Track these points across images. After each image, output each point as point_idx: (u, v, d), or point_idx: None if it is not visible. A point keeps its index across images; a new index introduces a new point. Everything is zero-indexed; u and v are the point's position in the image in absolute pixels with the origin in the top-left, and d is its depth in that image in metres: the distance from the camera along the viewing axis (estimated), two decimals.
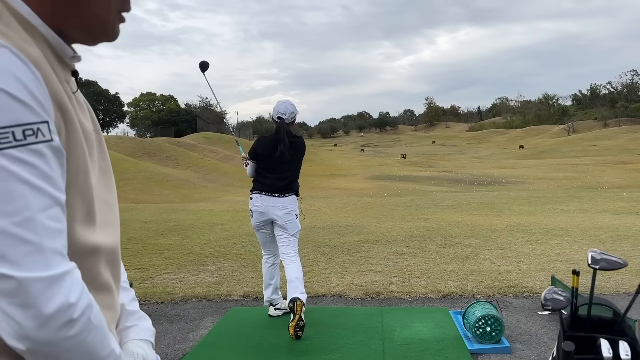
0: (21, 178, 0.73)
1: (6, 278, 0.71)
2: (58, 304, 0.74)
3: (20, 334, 0.73)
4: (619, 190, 19.92)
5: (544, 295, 2.00)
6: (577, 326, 1.97)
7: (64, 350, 0.76)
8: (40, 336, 0.73)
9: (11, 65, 0.74)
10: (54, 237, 0.76)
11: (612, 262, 2.09)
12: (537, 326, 4.33)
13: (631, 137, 62.82)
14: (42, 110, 0.76)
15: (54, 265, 0.75)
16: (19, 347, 0.74)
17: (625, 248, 7.34)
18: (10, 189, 0.72)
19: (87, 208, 0.88)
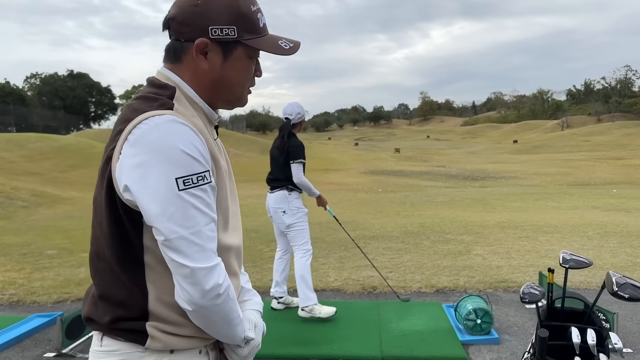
0: (195, 206, 1.16)
1: (185, 267, 1.14)
2: (212, 284, 1.17)
3: (190, 301, 1.17)
4: (610, 186, 20.26)
5: (522, 290, 2.26)
6: (552, 317, 2.22)
7: (213, 312, 1.20)
8: (201, 303, 1.17)
9: (189, 136, 1.18)
10: (211, 242, 1.19)
11: (579, 261, 2.34)
12: (524, 319, 4.60)
13: (624, 132, 63.34)
14: (206, 163, 1.20)
15: (211, 260, 1.18)
16: (187, 308, 1.18)
17: (612, 244, 7.61)
18: (189, 213, 1.15)
19: (225, 220, 1.32)
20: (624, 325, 4.35)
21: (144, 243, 1.20)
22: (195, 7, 1.26)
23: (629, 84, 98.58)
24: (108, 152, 1.20)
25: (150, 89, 1.29)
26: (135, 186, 1.13)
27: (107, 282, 1.25)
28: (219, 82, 1.32)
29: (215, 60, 1.30)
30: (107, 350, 1.25)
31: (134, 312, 1.22)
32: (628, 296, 1.92)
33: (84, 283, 5.91)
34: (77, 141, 30.78)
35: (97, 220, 1.25)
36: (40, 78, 79.60)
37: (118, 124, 1.23)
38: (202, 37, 1.26)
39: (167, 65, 1.33)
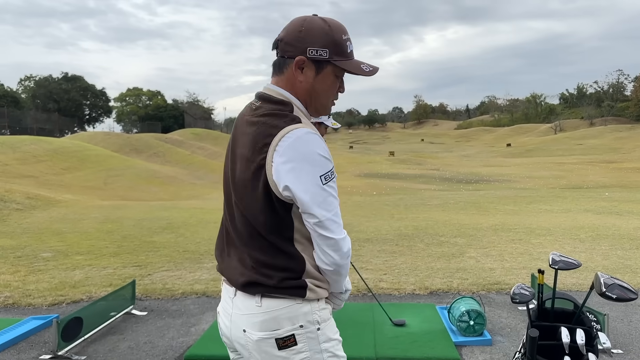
0: (332, 195, 1.57)
1: (331, 239, 1.56)
2: (347, 248, 1.61)
3: (333, 262, 1.60)
4: (603, 189, 20.40)
5: (513, 290, 2.31)
6: (542, 317, 2.27)
7: (343, 269, 1.64)
8: (340, 263, 1.61)
9: (320, 142, 1.57)
10: (341, 218, 1.60)
11: (568, 263, 2.39)
12: (517, 320, 4.64)
13: (616, 136, 63.77)
14: (331, 160, 1.59)
15: (343, 231, 1.60)
16: (329, 269, 1.61)
17: (604, 247, 7.69)
18: (330, 200, 1.56)
19: None
20: (615, 327, 4.40)
21: (294, 225, 1.61)
22: (300, 33, 1.64)
23: (621, 88, 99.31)
24: (259, 162, 1.57)
25: (272, 105, 1.64)
26: (293, 185, 1.52)
27: (269, 254, 1.61)
28: (311, 92, 1.68)
29: (309, 74, 1.66)
30: (267, 309, 1.60)
31: (295, 273, 1.61)
32: (616, 297, 1.96)
33: (79, 285, 5.92)
34: (71, 144, 30.69)
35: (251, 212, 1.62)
36: (35, 80, 79.29)
37: (260, 138, 1.58)
38: (301, 55, 1.63)
39: (274, 79, 1.70)
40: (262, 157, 1.55)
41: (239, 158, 1.66)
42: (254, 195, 1.59)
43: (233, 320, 1.68)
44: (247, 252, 1.65)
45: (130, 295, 5.06)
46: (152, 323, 4.73)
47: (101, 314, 4.55)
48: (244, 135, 1.66)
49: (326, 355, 1.64)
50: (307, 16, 1.68)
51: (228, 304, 1.72)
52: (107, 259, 7.42)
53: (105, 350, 4.09)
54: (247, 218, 1.63)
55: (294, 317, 1.60)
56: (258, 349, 1.61)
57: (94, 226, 10.77)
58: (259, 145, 1.57)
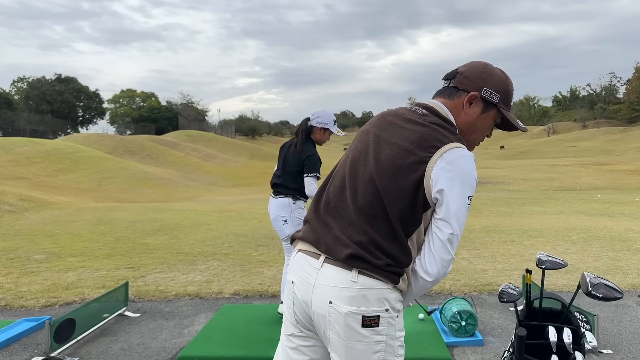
0: (467, 216, 1.67)
1: (449, 254, 1.65)
2: (448, 270, 1.69)
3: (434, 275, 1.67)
4: (595, 191, 20.52)
5: (501, 289, 2.34)
6: (531, 316, 2.30)
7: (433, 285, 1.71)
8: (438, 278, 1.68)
9: (475, 169, 1.69)
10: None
11: (555, 262, 2.42)
12: (508, 321, 4.68)
13: (609, 138, 64.12)
14: None
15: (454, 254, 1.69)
16: (427, 279, 1.68)
17: (595, 248, 7.75)
18: (465, 220, 1.67)
19: None
20: (605, 327, 4.45)
21: (420, 226, 1.68)
22: (482, 73, 1.80)
23: (614, 90, 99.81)
24: (422, 157, 1.65)
25: (440, 119, 1.76)
26: (447, 191, 1.61)
27: (386, 239, 1.67)
28: (470, 126, 1.82)
29: (475, 110, 1.80)
30: (362, 286, 1.65)
31: (400, 263, 1.67)
32: (601, 296, 2.00)
33: (72, 287, 5.92)
34: (64, 145, 30.58)
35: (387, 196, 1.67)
36: (28, 82, 78.86)
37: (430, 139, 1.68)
38: (476, 91, 1.78)
39: (442, 100, 1.83)
40: (426, 155, 1.64)
41: (391, 145, 1.72)
42: (403, 183, 1.66)
43: (317, 291, 1.69)
44: (362, 228, 1.69)
45: (123, 297, 5.07)
46: (145, 325, 4.74)
47: (94, 316, 4.55)
48: (403, 129, 1.74)
49: (397, 343, 1.72)
50: (489, 63, 1.85)
51: (310, 274, 1.73)
52: (100, 260, 7.41)
53: (98, 352, 4.10)
54: (381, 199, 1.68)
55: (383, 299, 1.65)
56: (343, 322, 1.64)
57: (87, 228, 10.75)
58: (428, 144, 1.66)
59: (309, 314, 1.74)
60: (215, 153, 43.00)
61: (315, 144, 4.61)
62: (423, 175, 1.63)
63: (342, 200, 1.77)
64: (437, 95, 1.87)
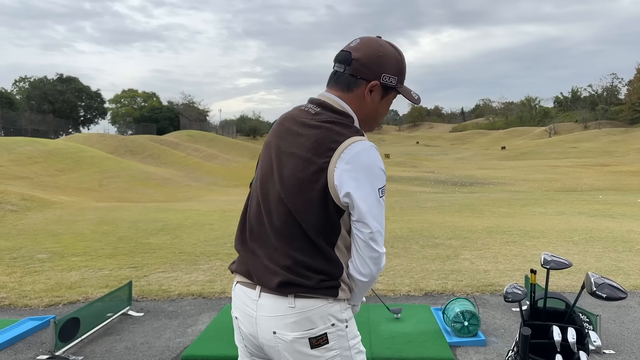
0: (384, 207, 1.63)
1: (376, 251, 1.61)
2: (384, 264, 1.66)
3: (369, 274, 1.64)
4: (596, 192, 20.52)
5: (506, 289, 2.36)
6: (535, 316, 2.32)
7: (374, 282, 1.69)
8: (374, 276, 1.65)
9: (379, 157, 1.64)
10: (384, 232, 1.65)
11: (559, 262, 2.44)
12: (510, 321, 4.69)
13: (610, 139, 64.11)
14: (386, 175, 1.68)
15: (384, 247, 1.65)
16: (362, 279, 1.65)
17: (597, 249, 7.75)
18: (382, 213, 1.62)
19: None
20: (607, 328, 4.46)
21: (340, 232, 1.65)
22: (378, 58, 1.71)
23: (615, 91, 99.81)
24: (321, 164, 1.61)
25: (334, 114, 1.70)
26: (354, 193, 1.57)
27: (311, 256, 1.64)
28: (373, 113, 1.78)
29: (375, 98, 1.75)
30: (301, 309, 1.62)
31: (333, 275, 1.64)
32: (605, 296, 2.01)
33: (75, 287, 5.94)
34: (66, 145, 30.61)
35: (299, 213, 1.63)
36: (29, 82, 78.95)
37: (325, 142, 1.62)
38: (375, 80, 1.72)
39: (336, 92, 1.75)
40: (325, 161, 1.60)
41: (290, 157, 1.67)
42: (309, 195, 1.61)
43: (259, 323, 1.68)
44: (285, 252, 1.66)
45: (127, 296, 5.08)
46: (149, 324, 4.76)
47: (98, 315, 4.57)
48: (299, 136, 1.68)
49: (353, 352, 1.71)
50: (379, 40, 1.77)
51: (250, 307, 1.71)
52: (102, 260, 7.43)
53: (102, 351, 4.12)
54: (294, 217, 1.64)
55: (326, 316, 1.63)
56: (291, 349, 1.63)
57: (89, 228, 10.78)
58: (324, 149, 1.61)
59: (258, 345, 1.73)
60: (217, 153, 43.02)
61: None
62: (326, 182, 1.59)
63: (262, 224, 1.73)
64: (332, 86, 1.78)
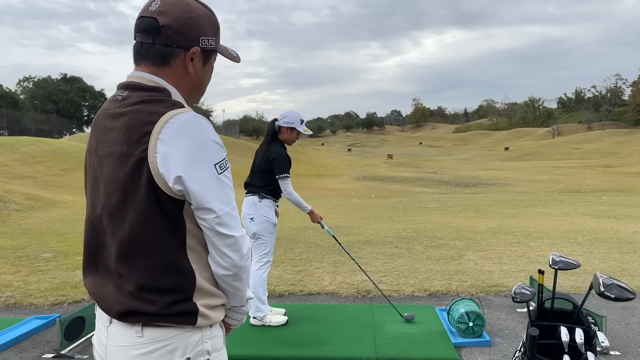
0: (229, 185, 1.39)
1: (230, 237, 1.37)
2: (247, 247, 1.42)
3: (232, 265, 1.39)
4: (600, 194, 20.46)
5: (514, 290, 2.35)
6: (542, 317, 2.31)
7: (245, 272, 1.44)
8: (240, 264, 1.40)
9: (211, 127, 1.40)
10: (238, 213, 1.42)
11: (568, 263, 2.44)
12: (515, 322, 4.69)
13: (614, 140, 63.92)
14: (225, 148, 1.41)
15: (242, 228, 1.41)
16: (227, 273, 1.40)
17: (601, 250, 7.74)
18: (227, 192, 1.38)
19: None
20: (613, 329, 4.45)
21: (187, 228, 1.38)
22: (191, 20, 1.45)
23: (619, 92, 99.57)
24: (138, 155, 1.32)
25: (145, 92, 1.42)
26: (185, 175, 1.31)
27: (150, 274, 1.36)
28: (197, 83, 1.54)
29: (198, 66, 1.50)
30: (149, 340, 1.35)
31: (184, 294, 1.37)
32: (614, 296, 2.01)
33: (80, 285, 5.95)
34: (70, 145, 30.69)
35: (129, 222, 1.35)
36: (34, 81, 79.19)
37: (137, 127, 1.34)
38: (195, 46, 1.47)
39: (147, 69, 1.47)
40: (142, 149, 1.32)
41: (107, 158, 1.40)
42: (135, 197, 1.34)
43: (109, 353, 1.41)
44: (124, 274, 1.38)
45: None
46: None
47: None
48: (110, 131, 1.40)
49: None
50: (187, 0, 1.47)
51: (103, 333, 1.45)
52: None
53: None
54: (124, 230, 1.36)
55: (180, 347, 1.36)
56: None
57: None
58: (137, 136, 1.34)
59: None
60: None
61: (285, 144, 4.70)
62: (150, 174, 1.31)
63: (101, 245, 1.46)
64: (140, 62, 1.48)
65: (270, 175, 4.51)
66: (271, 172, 4.50)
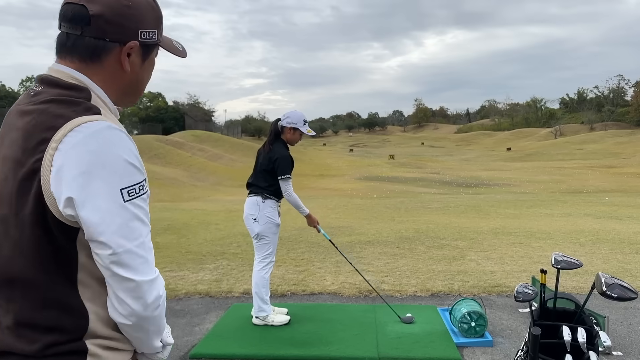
0: (138, 217, 1.15)
1: (130, 281, 1.12)
2: (155, 295, 1.17)
3: (131, 314, 1.15)
4: (603, 194, 20.44)
5: (516, 289, 2.36)
6: (544, 316, 2.32)
7: (150, 323, 1.19)
8: (142, 315, 1.16)
9: (128, 143, 1.16)
10: (152, 252, 1.18)
11: (570, 262, 2.44)
12: (517, 322, 4.69)
13: (617, 141, 63.82)
14: (144, 171, 1.19)
15: (153, 271, 1.17)
16: (126, 323, 1.16)
17: (604, 251, 7.73)
18: (134, 225, 1.13)
19: None
20: (615, 329, 4.45)
21: (79, 261, 1.15)
22: (128, 8, 1.24)
23: (622, 93, 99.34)
24: (31, 165, 1.10)
25: (59, 90, 1.19)
26: (78, 198, 1.07)
27: (32, 307, 1.15)
28: (134, 83, 1.33)
29: (136, 62, 1.30)
30: None
31: (71, 335, 1.14)
32: (616, 296, 2.01)
33: None
34: None
35: (11, 243, 1.15)
36: None
37: (37, 131, 1.12)
38: (132, 40, 1.26)
39: (73, 64, 1.24)
40: (36, 159, 1.10)
41: (4, 162, 1.18)
42: (20, 216, 1.12)
43: None
44: (6, 305, 1.18)
45: None
46: None
47: None
48: (13, 131, 1.18)
49: None
50: None
51: None
52: None
53: None
54: (6, 250, 1.16)
55: None
56: None
57: None
58: (34, 142, 1.11)
59: None
60: (222, 153, 43.08)
61: (288, 144, 4.70)
62: (40, 190, 1.09)
63: None
64: (65, 55, 1.25)
65: (273, 175, 4.52)
66: (274, 173, 4.51)
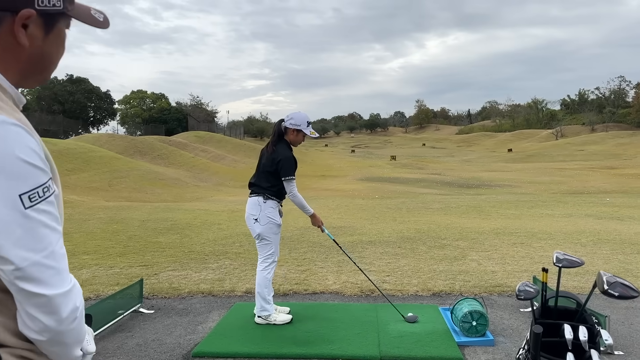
0: (45, 223, 1.02)
1: (40, 296, 1.01)
2: (71, 308, 1.06)
3: (44, 330, 1.04)
4: (604, 195, 20.44)
5: (518, 287, 2.38)
6: (546, 315, 2.34)
7: (67, 337, 1.08)
8: (56, 330, 1.05)
9: (25, 139, 1.01)
10: (64, 260, 1.07)
11: (572, 261, 2.46)
12: (519, 322, 4.71)
13: (618, 142, 63.78)
14: (47, 169, 1.06)
15: (67, 282, 1.06)
16: (39, 339, 1.06)
17: (605, 251, 7.75)
18: (40, 233, 1.01)
19: None
20: (616, 329, 4.47)
21: None
22: None
23: (623, 94, 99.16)
24: None
25: None
26: None
27: None
28: (38, 59, 1.14)
29: (36, 35, 1.10)
30: None
31: None
32: (618, 294, 2.03)
33: (87, 284, 6.00)
34: (76, 145, 30.77)
35: None
36: None
37: None
38: (27, 7, 1.06)
39: None
40: None
41: None
42: None
43: None
44: None
45: (138, 294, 5.14)
46: (160, 321, 4.81)
47: (110, 312, 4.62)
48: None
49: None
50: None
51: None
52: (113, 258, 7.49)
53: (114, 347, 4.17)
54: None
55: None
56: None
57: (99, 227, 10.85)
58: None
59: None
60: (224, 154, 43.12)
61: (291, 145, 4.71)
62: None
63: None
64: None
65: (276, 176, 4.54)
66: (277, 174, 4.53)
